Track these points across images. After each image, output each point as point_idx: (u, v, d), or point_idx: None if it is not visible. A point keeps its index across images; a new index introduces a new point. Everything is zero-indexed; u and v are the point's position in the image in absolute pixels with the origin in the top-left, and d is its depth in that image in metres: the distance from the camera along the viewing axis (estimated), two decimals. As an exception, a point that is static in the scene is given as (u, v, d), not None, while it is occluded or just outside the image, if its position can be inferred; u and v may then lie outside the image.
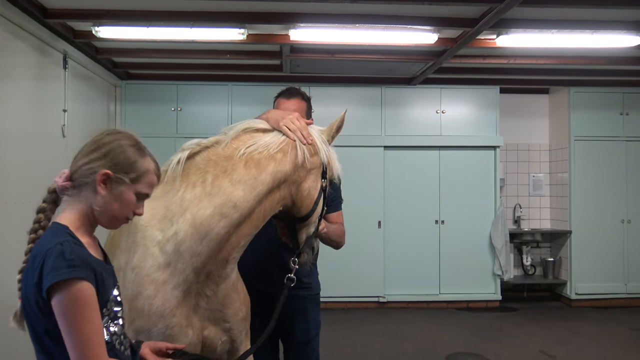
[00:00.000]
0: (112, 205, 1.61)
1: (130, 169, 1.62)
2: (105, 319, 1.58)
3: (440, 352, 5.28)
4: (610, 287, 7.32)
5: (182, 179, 2.03)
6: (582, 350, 5.44)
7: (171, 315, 1.94)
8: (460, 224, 7.19)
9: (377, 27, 4.97)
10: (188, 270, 1.96)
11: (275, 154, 2.07)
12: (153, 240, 1.96)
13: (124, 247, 2.03)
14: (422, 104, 7.26)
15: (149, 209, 1.94)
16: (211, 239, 1.95)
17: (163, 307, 1.93)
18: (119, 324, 1.65)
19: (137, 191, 1.64)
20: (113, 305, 1.63)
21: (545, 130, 8.03)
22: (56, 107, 5.28)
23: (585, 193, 7.34)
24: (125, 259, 1.99)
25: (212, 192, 1.98)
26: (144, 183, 1.66)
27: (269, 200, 2.06)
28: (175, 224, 1.96)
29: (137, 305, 1.92)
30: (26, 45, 4.72)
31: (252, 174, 2.01)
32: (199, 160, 2.08)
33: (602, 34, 5.10)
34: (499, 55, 6.06)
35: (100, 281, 1.53)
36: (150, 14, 4.76)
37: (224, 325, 2.14)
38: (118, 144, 1.64)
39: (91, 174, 1.60)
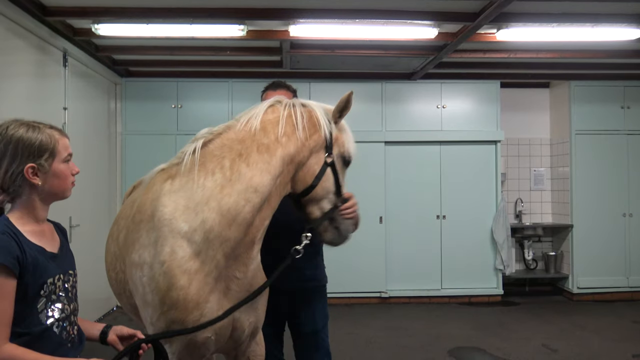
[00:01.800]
0: (54, 183, 1.77)
1: (42, 149, 1.74)
2: (42, 301, 1.71)
3: (442, 347, 5.28)
4: (612, 281, 7.33)
5: (199, 168, 2.08)
6: (584, 344, 5.44)
7: (205, 302, 2.01)
8: (462, 219, 7.19)
9: (377, 22, 4.96)
10: (219, 256, 2.03)
11: (281, 138, 2.14)
12: (180, 232, 2.02)
13: (146, 242, 2.08)
14: (422, 99, 7.25)
15: (171, 202, 2.05)
16: (238, 224, 2.04)
17: (197, 295, 2.00)
18: (60, 309, 1.76)
19: (61, 160, 1.78)
20: (55, 290, 1.75)
21: (546, 124, 8.02)
22: (56, 105, 5.29)
23: (587, 187, 7.33)
24: (151, 253, 2.04)
25: (233, 178, 2.05)
26: (60, 149, 1.78)
27: (281, 181, 2.16)
28: (201, 213, 2.02)
29: (171, 297, 1.98)
30: (26, 44, 4.72)
31: (265, 158, 2.09)
32: (213, 148, 2.13)
33: (602, 27, 5.09)
34: (499, 50, 6.05)
35: (33, 265, 1.67)
36: (150, 11, 4.76)
37: (253, 312, 2.22)
38: (15, 138, 1.72)
39: (18, 176, 1.71)
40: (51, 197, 1.79)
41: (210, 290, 2.03)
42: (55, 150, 1.75)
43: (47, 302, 1.72)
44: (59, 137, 1.79)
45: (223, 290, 2.09)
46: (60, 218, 5.71)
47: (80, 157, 5.85)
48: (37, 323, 1.69)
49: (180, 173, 2.11)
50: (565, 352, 5.20)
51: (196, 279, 1.99)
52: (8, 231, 1.67)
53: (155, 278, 2.00)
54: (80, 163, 6.49)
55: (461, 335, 5.73)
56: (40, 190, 1.74)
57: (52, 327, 1.73)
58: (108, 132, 6.80)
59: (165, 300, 1.98)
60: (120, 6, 4.73)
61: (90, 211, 6.05)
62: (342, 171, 2.32)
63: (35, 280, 1.68)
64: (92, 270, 6.10)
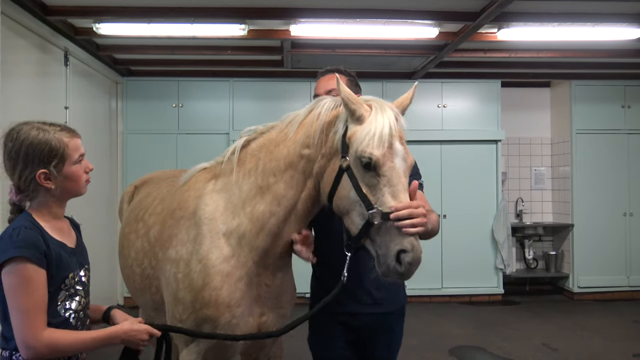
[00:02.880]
0: (68, 186, 1.81)
1: (53, 154, 1.76)
2: (63, 294, 1.78)
3: (443, 346, 5.29)
4: (613, 280, 7.33)
5: (238, 167, 2.10)
6: (585, 343, 5.45)
7: (236, 305, 2.03)
8: (463, 218, 7.19)
9: (377, 22, 4.97)
10: (250, 263, 2.04)
11: (303, 150, 2.00)
12: (218, 232, 2.05)
13: (185, 238, 2.12)
14: (423, 98, 7.25)
15: (212, 202, 2.09)
16: (266, 234, 2.03)
17: (229, 298, 2.01)
18: (77, 302, 1.82)
19: (72, 162, 1.80)
20: (74, 284, 1.81)
21: (547, 123, 8.02)
22: (58, 104, 5.29)
23: (587, 186, 7.33)
24: (189, 250, 2.07)
25: (263, 185, 2.04)
26: (71, 152, 1.81)
27: (307, 195, 2.03)
28: (237, 216, 2.05)
29: (204, 296, 2.01)
30: (27, 43, 4.73)
31: (289, 172, 2.02)
32: (254, 147, 2.13)
33: (603, 26, 5.09)
34: (500, 49, 6.05)
35: (57, 260, 1.73)
36: (151, 10, 4.76)
37: (280, 311, 2.21)
38: (26, 144, 1.75)
39: (32, 182, 1.75)
40: (66, 196, 1.85)
41: (242, 295, 2.04)
42: (64, 154, 1.78)
43: (66, 295, 1.79)
44: (68, 139, 1.81)
45: (254, 297, 2.09)
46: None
47: (81, 156, 5.85)
48: (56, 315, 1.75)
49: (223, 173, 2.14)
50: (565, 351, 5.21)
51: (227, 282, 2.01)
52: (33, 227, 1.73)
53: (191, 275, 2.04)
54: (82, 162, 6.36)
55: (462, 334, 5.73)
56: (54, 193, 1.78)
57: (70, 319, 1.80)
58: (109, 131, 6.81)
59: (197, 299, 2.01)
60: (122, 5, 4.74)
61: (90, 210, 6.05)
62: (365, 175, 1.81)
63: (59, 274, 1.75)
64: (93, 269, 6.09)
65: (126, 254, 2.60)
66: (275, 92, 7.06)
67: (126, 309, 6.83)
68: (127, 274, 2.61)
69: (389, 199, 1.76)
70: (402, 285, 2.41)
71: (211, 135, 6.94)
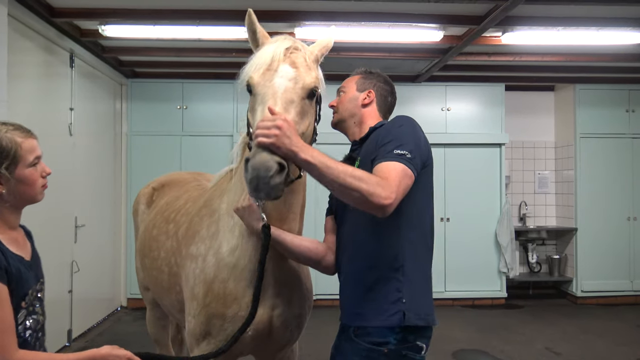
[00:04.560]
0: (21, 190, 1.66)
1: (3, 155, 1.62)
2: (23, 313, 1.61)
3: (446, 349, 5.29)
4: (616, 285, 7.32)
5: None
6: (588, 347, 5.44)
7: (242, 297, 2.04)
8: (466, 221, 7.18)
9: (382, 25, 4.98)
10: (250, 250, 2.05)
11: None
12: (227, 225, 2.12)
13: (205, 235, 2.18)
14: (427, 101, 7.26)
15: (227, 199, 2.15)
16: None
17: (235, 289, 2.05)
18: (35, 320, 1.68)
19: (27, 164, 1.66)
20: (33, 300, 1.66)
21: (551, 127, 8.02)
22: (63, 105, 5.32)
23: (591, 190, 7.33)
24: (207, 246, 2.14)
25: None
26: (24, 154, 1.65)
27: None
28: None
29: (213, 289, 2.06)
30: (34, 44, 4.76)
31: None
32: None
33: (607, 31, 5.09)
34: (504, 53, 6.05)
35: (17, 275, 1.57)
36: (156, 12, 4.78)
37: (294, 311, 2.18)
38: None
39: None
40: (21, 203, 1.71)
41: (248, 284, 2.04)
42: (17, 155, 1.63)
43: (26, 314, 1.65)
44: (22, 140, 1.66)
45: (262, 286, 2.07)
46: (65, 218, 5.74)
47: (85, 157, 5.92)
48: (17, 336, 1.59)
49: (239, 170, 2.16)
50: (568, 355, 5.20)
51: (234, 273, 2.06)
52: None
53: (205, 270, 2.10)
54: (86, 163, 6.52)
55: (465, 337, 5.73)
56: (6, 198, 1.64)
57: (28, 338, 1.66)
58: (113, 132, 6.83)
59: (208, 292, 2.06)
60: (127, 7, 4.75)
61: (95, 211, 6.08)
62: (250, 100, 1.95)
63: (19, 291, 1.61)
64: (96, 271, 6.14)
65: (155, 255, 2.63)
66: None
67: (129, 310, 6.84)
68: (155, 275, 2.64)
69: (258, 117, 1.76)
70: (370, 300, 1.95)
71: (215, 137, 6.95)
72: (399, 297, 1.88)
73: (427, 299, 1.98)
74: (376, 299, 1.90)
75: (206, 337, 2.10)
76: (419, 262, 1.96)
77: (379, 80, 2.27)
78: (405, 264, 1.91)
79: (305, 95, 1.83)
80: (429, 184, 2.05)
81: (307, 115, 1.86)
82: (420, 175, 1.93)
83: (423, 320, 1.91)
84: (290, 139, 1.62)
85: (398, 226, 1.92)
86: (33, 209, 1.81)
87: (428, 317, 1.94)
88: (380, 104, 2.26)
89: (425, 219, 2.04)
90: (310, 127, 1.89)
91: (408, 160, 1.82)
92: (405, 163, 1.81)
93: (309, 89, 1.84)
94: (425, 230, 2.03)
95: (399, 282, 1.89)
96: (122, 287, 7.02)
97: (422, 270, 1.99)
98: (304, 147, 1.65)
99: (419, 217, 2.00)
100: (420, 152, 1.91)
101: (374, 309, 1.90)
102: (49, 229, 4.89)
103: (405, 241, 1.93)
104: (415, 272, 1.94)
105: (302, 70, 1.86)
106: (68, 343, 5.25)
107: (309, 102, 1.87)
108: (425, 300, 1.96)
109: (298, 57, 1.88)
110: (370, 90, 2.21)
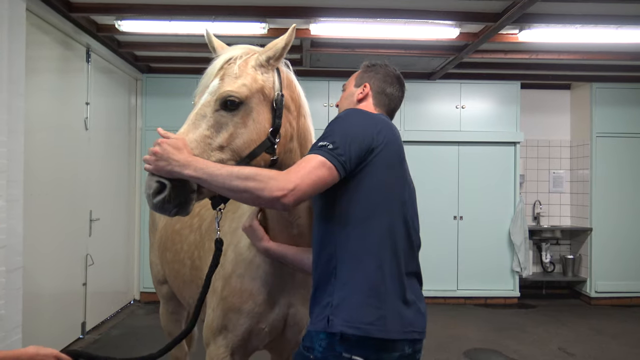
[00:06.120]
0: None
1: None
2: None
3: (458, 348, 5.27)
4: (631, 286, 7.24)
5: None
6: (602, 349, 5.39)
7: (258, 293, 2.06)
8: (479, 220, 7.15)
9: (398, 22, 4.96)
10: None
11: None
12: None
13: (227, 229, 2.21)
14: (441, 99, 7.23)
15: None
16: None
17: (251, 285, 2.07)
18: None
19: None
20: None
21: (567, 126, 7.95)
22: (79, 100, 5.36)
23: (607, 190, 7.26)
24: (228, 241, 2.15)
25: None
26: None
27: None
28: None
29: (230, 283, 2.08)
30: (51, 39, 4.80)
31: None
32: None
33: (627, 29, 5.03)
34: (520, 50, 6.01)
35: None
36: (172, 7, 4.80)
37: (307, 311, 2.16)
38: None
39: None
40: None
41: (262, 284, 2.07)
42: None
43: None
44: None
45: (278, 285, 2.09)
46: (80, 211, 5.80)
47: (101, 152, 5.96)
48: None
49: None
50: (583, 356, 5.16)
51: (249, 269, 2.08)
52: None
53: (224, 265, 2.12)
54: (101, 157, 6.58)
55: (477, 336, 5.71)
56: None
57: None
58: (128, 127, 6.88)
59: (225, 286, 2.09)
60: (143, 3, 4.77)
61: (110, 205, 6.12)
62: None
63: None
64: (111, 263, 6.20)
65: (178, 249, 2.65)
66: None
67: (142, 303, 6.90)
68: (177, 268, 2.66)
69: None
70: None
71: (229, 132, 6.95)
72: (329, 301, 1.71)
73: (369, 307, 1.67)
74: (316, 300, 1.78)
75: (222, 332, 2.12)
76: (361, 265, 1.70)
77: (378, 73, 2.11)
78: (339, 266, 1.72)
79: (218, 106, 1.76)
80: (382, 178, 1.76)
81: (226, 126, 1.75)
82: (367, 168, 1.72)
83: (355, 328, 1.64)
84: (168, 161, 1.62)
85: (333, 225, 1.76)
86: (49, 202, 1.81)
87: (368, 326, 1.65)
88: (377, 97, 2.07)
89: (380, 217, 1.74)
90: (239, 139, 1.76)
91: (328, 151, 1.66)
92: (323, 154, 1.65)
93: (222, 98, 1.76)
94: (379, 230, 1.74)
95: (332, 285, 1.72)
96: (135, 280, 7.07)
97: (366, 273, 1.70)
98: (187, 164, 1.61)
99: (365, 215, 1.73)
100: (349, 142, 1.68)
101: (313, 311, 1.79)
102: (64, 223, 4.94)
103: (341, 241, 1.73)
104: (354, 275, 1.70)
105: (227, 80, 1.80)
106: (82, 335, 5.30)
107: (228, 112, 1.76)
108: (365, 308, 1.67)
109: (231, 68, 1.85)
110: (365, 84, 2.09)
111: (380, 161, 1.74)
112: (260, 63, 1.90)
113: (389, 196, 1.77)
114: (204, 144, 1.71)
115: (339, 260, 1.72)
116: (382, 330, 1.66)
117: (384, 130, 1.77)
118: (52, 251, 4.69)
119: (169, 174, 1.63)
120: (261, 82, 1.84)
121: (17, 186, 3.74)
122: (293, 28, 1.89)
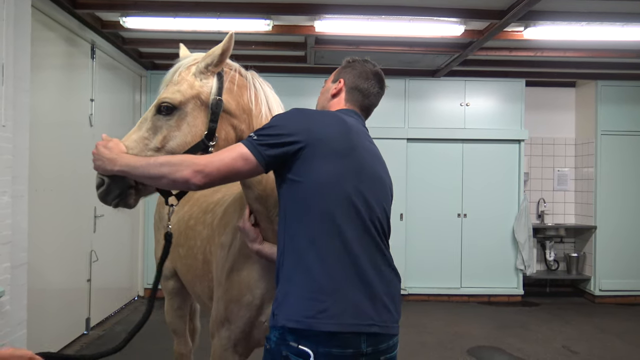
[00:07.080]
0: None
1: None
2: None
3: (461, 346, 5.27)
4: (635, 284, 7.23)
5: None
6: (606, 347, 5.38)
7: (255, 287, 2.13)
8: (483, 217, 7.15)
9: (403, 19, 4.95)
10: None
11: None
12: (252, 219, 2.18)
13: (232, 225, 2.29)
14: (446, 96, 7.22)
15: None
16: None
17: (248, 278, 2.14)
18: None
19: None
20: None
21: (572, 124, 7.92)
22: (84, 96, 5.37)
23: (611, 188, 7.24)
24: (233, 236, 2.24)
25: None
26: None
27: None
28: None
29: (231, 277, 2.17)
30: (56, 35, 4.80)
31: None
32: None
33: (632, 26, 5.01)
34: (525, 48, 6.00)
35: None
36: (177, 4, 4.80)
37: None
38: None
39: None
40: None
41: (259, 277, 2.13)
42: None
43: None
44: None
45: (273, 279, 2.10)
46: (85, 208, 5.80)
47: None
48: None
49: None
50: (586, 354, 5.16)
51: (247, 263, 2.15)
52: None
53: (228, 258, 2.21)
54: (107, 154, 6.40)
55: (480, 334, 5.71)
56: None
57: None
58: (133, 123, 6.82)
59: (227, 279, 2.18)
60: (148, 0, 4.79)
61: (114, 202, 6.13)
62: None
63: None
64: (115, 260, 6.21)
65: (192, 244, 2.71)
66: (297, 88, 7.06)
67: (146, 299, 6.91)
68: (190, 263, 2.72)
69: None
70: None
71: (233, 129, 6.96)
72: (277, 297, 1.74)
73: (310, 300, 1.66)
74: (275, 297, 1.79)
75: (225, 324, 2.20)
76: (302, 260, 1.69)
77: (355, 69, 2.08)
78: (285, 262, 1.74)
79: (155, 111, 1.93)
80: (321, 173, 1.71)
81: (161, 129, 1.90)
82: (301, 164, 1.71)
83: (295, 322, 1.65)
84: (101, 160, 1.86)
85: (282, 223, 1.78)
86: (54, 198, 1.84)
87: (309, 320, 1.64)
88: (350, 93, 2.04)
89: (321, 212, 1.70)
90: (173, 141, 1.89)
91: (250, 140, 1.72)
92: (245, 143, 1.72)
93: (158, 104, 1.93)
94: (320, 226, 1.70)
95: (280, 281, 1.76)
96: (139, 277, 7.09)
97: (307, 268, 1.69)
98: (116, 161, 1.82)
99: (305, 211, 1.71)
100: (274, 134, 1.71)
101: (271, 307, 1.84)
102: (69, 219, 4.95)
103: (287, 238, 1.75)
104: (295, 270, 1.71)
105: (168, 87, 1.98)
106: (86, 331, 5.32)
107: (163, 117, 1.91)
108: (305, 302, 1.66)
109: (176, 76, 2.02)
110: (340, 80, 2.08)
111: (315, 156, 1.71)
112: (200, 70, 1.99)
113: (332, 190, 1.72)
114: (142, 145, 1.90)
115: (285, 257, 1.75)
116: (326, 323, 1.64)
117: (315, 127, 1.75)
118: (56, 247, 4.71)
119: (104, 171, 1.86)
120: (198, 88, 1.94)
121: (22, 182, 3.75)
122: (231, 35, 1.97)
